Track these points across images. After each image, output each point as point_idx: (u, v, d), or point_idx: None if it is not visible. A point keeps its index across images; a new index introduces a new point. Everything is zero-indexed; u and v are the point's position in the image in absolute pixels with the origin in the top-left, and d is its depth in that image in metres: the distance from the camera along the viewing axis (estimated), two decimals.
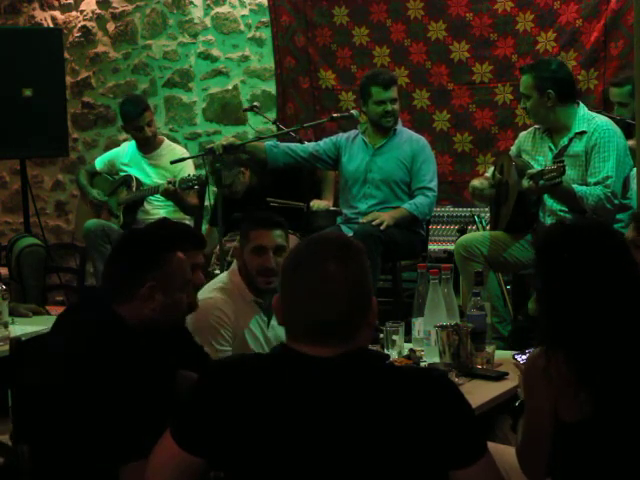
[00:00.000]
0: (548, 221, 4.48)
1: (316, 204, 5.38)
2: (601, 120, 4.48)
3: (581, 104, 4.55)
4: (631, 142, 4.55)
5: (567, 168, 4.31)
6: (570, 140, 4.46)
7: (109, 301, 2.32)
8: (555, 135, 4.54)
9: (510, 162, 4.55)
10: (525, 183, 4.26)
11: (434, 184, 5.16)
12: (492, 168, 4.82)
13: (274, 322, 3.40)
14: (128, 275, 2.34)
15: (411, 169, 5.17)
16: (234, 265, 3.48)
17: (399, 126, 5.28)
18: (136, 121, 5.65)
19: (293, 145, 5.26)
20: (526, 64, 5.06)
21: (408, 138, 5.25)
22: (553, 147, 4.52)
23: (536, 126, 4.66)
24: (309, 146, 5.29)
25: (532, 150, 4.63)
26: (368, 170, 5.24)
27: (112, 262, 2.43)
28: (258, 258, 3.30)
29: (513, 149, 4.77)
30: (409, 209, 5.08)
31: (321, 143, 5.33)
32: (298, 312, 1.84)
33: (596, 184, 4.33)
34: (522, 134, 4.78)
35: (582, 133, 4.44)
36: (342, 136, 5.38)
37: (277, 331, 3.41)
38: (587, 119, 4.47)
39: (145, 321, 2.33)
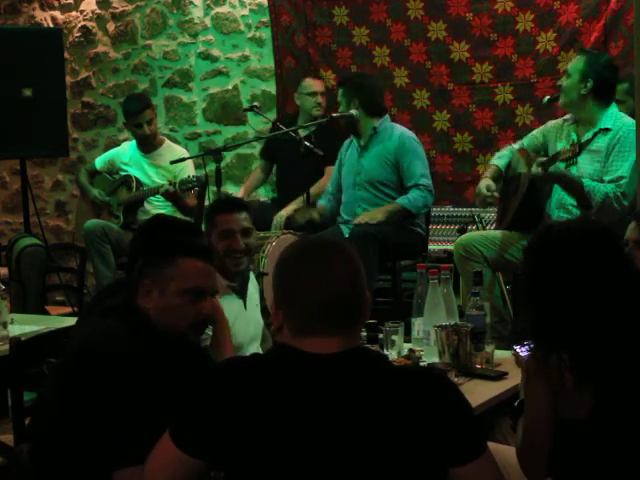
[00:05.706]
0: (556, 214, 4.47)
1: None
2: (628, 120, 4.47)
3: (613, 104, 4.56)
4: None
5: (586, 163, 4.36)
6: (594, 135, 4.48)
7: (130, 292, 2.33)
8: (580, 127, 4.56)
9: (526, 155, 4.55)
10: (534, 169, 4.29)
11: (425, 179, 5.14)
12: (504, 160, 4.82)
13: (249, 304, 3.40)
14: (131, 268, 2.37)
15: (399, 167, 5.16)
16: None
17: (379, 124, 5.26)
18: (136, 118, 5.64)
19: (330, 188, 5.46)
20: (587, 49, 5.13)
21: (389, 135, 5.24)
22: (575, 138, 4.53)
23: (566, 117, 4.66)
24: (333, 183, 5.47)
25: (555, 137, 4.63)
26: (356, 173, 5.27)
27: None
28: (226, 241, 3.30)
29: (536, 134, 4.76)
30: (402, 203, 5.08)
31: (335, 173, 5.47)
32: (303, 299, 1.85)
33: (610, 182, 4.35)
34: (550, 122, 4.77)
35: (607, 130, 4.46)
36: (342, 149, 5.48)
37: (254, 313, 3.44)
38: (615, 117, 4.49)
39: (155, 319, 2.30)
